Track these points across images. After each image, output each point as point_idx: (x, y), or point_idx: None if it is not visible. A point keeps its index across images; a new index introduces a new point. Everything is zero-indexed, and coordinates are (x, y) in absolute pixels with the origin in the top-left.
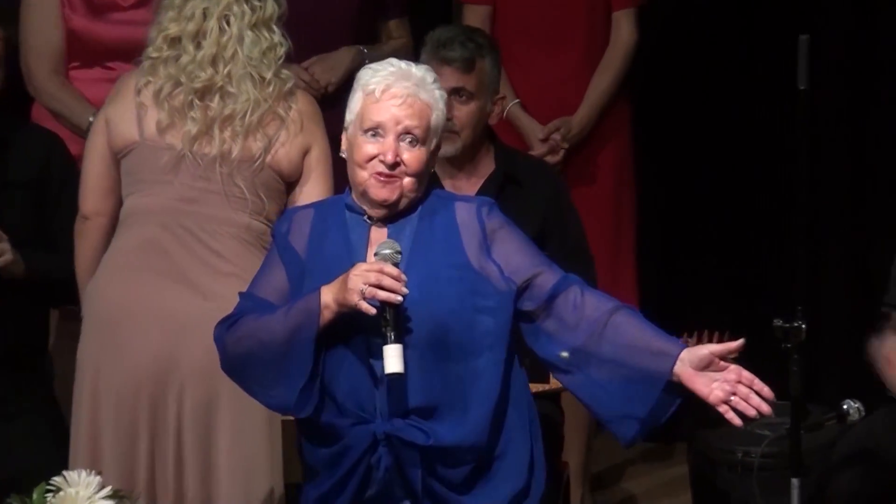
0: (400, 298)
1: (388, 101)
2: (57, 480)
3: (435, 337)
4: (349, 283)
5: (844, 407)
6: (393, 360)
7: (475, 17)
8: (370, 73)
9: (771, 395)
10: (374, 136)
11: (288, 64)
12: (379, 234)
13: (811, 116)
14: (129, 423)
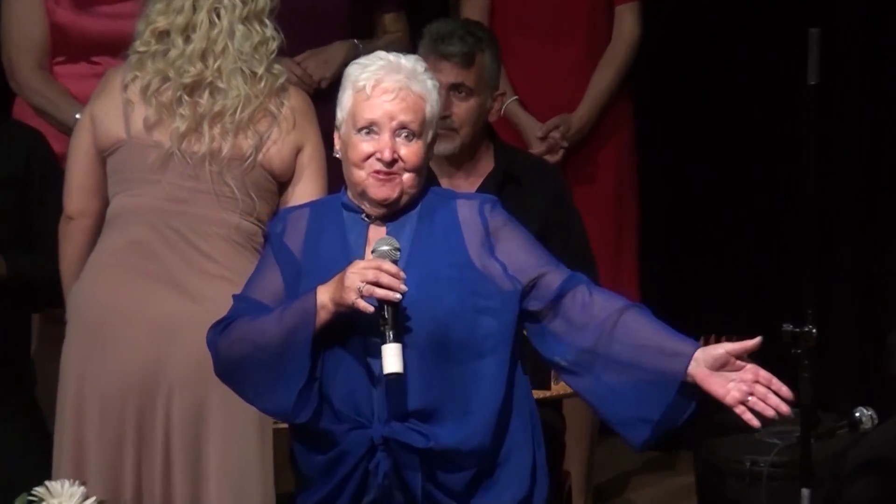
0: (399, 296)
1: (379, 96)
2: (39, 491)
3: (435, 338)
4: (346, 280)
5: (857, 414)
6: (392, 359)
7: (474, 9)
8: (359, 68)
9: (790, 394)
10: (368, 133)
11: (280, 58)
12: (377, 232)
13: (821, 113)
14: (115, 430)
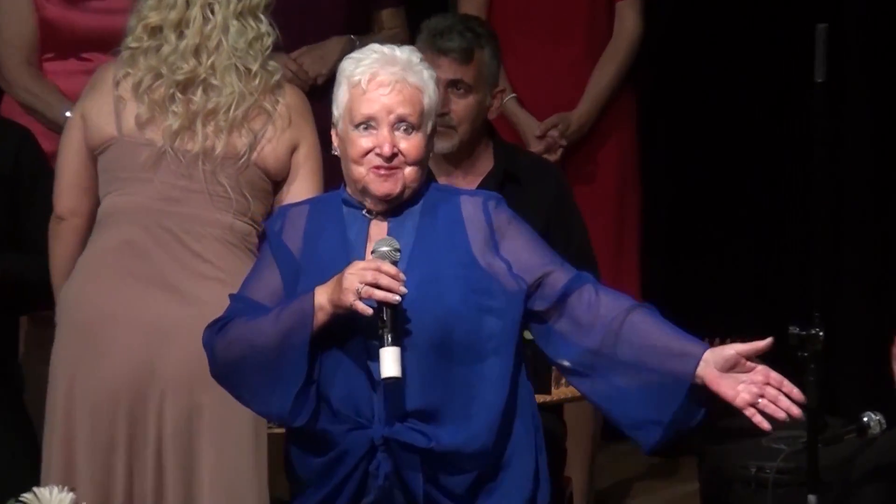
0: (398, 298)
1: (375, 90)
2: (27, 497)
3: (438, 337)
4: (344, 282)
5: (865, 419)
6: (390, 363)
7: (472, 5)
8: (353, 63)
9: (801, 397)
10: (366, 129)
11: (275, 55)
12: (379, 228)
13: (829, 111)
14: (105, 435)
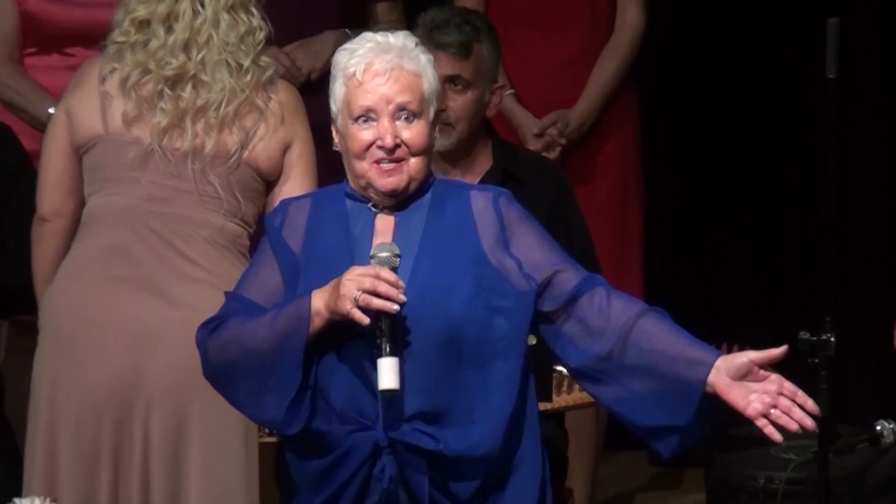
0: (396, 308)
1: (372, 80)
2: None
3: (446, 337)
4: (342, 288)
5: (878, 428)
6: (388, 375)
7: None
8: (347, 54)
9: (815, 408)
10: (366, 121)
11: (266, 49)
12: (385, 222)
13: (841, 108)
14: (89, 445)
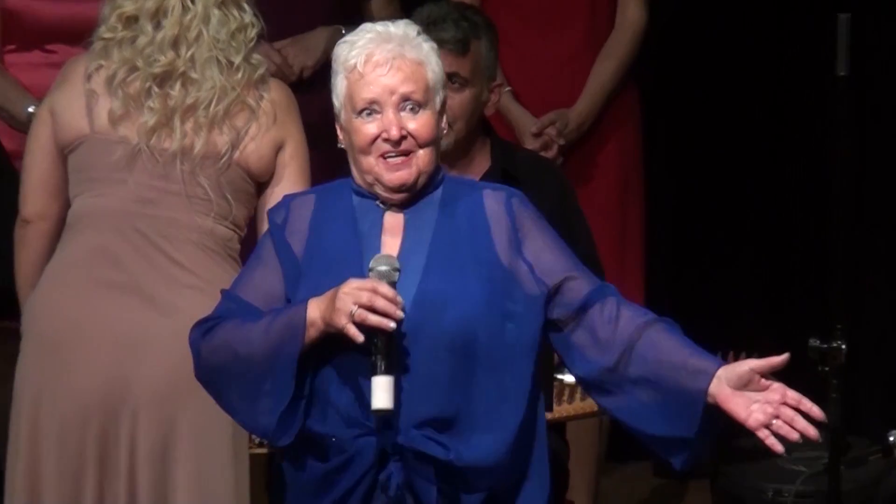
0: (393, 325)
1: (373, 71)
2: None
3: (460, 341)
4: (338, 301)
5: (891, 439)
6: (381, 394)
7: None
8: (347, 47)
9: (821, 415)
10: (369, 115)
11: (258, 46)
12: (395, 220)
13: (852, 107)
14: (74, 457)
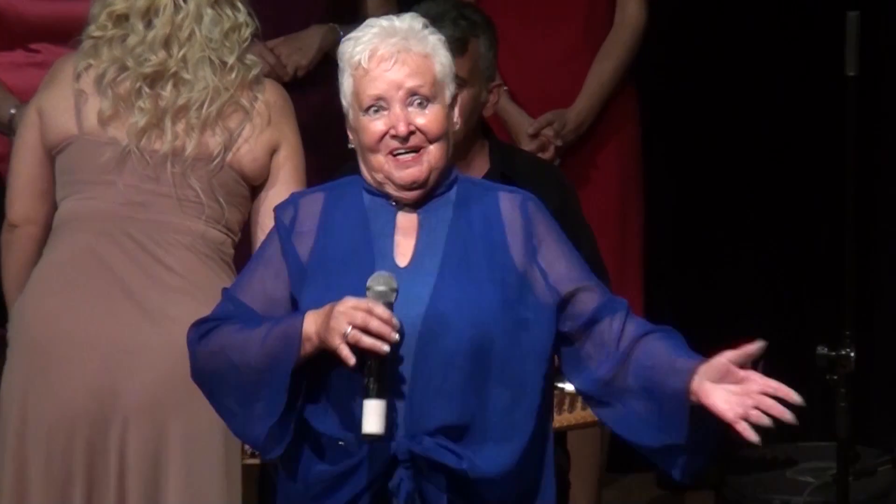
0: (387, 349)
1: (378, 67)
2: None
3: (475, 347)
4: (332, 320)
5: None
6: (372, 418)
7: None
8: (351, 43)
9: (799, 400)
10: (377, 111)
11: (251, 46)
12: (408, 220)
13: (862, 108)
14: (62, 467)
